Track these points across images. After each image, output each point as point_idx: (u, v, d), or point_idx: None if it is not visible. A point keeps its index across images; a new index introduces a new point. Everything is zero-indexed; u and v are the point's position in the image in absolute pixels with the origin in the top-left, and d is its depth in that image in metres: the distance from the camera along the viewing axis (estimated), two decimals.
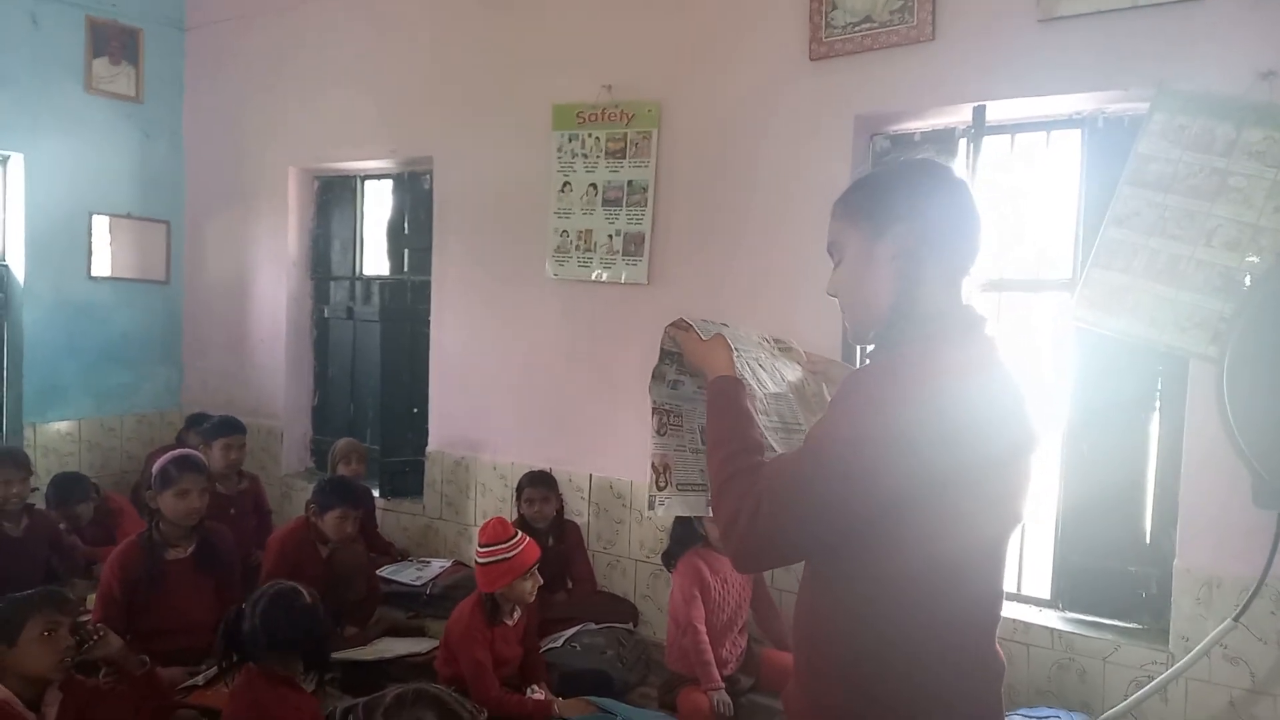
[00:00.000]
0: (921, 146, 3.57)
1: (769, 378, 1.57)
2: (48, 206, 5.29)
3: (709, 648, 3.15)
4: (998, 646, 1.34)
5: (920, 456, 1.16)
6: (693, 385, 1.61)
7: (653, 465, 1.56)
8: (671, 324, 1.58)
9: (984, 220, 1.37)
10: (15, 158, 5.20)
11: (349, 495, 3.75)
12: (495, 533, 3.10)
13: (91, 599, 3.30)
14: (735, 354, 1.47)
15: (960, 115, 3.43)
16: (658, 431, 1.58)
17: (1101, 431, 3.23)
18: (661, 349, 1.59)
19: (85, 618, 3.17)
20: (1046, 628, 3.18)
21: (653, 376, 1.60)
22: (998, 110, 3.33)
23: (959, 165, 3.37)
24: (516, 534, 3.12)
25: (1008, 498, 1.29)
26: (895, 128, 3.63)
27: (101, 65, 5.51)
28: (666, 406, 1.60)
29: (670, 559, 3.38)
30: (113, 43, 5.55)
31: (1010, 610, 3.29)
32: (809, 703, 1.34)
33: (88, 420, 5.54)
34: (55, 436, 5.41)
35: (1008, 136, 3.45)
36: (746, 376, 1.47)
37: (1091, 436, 3.25)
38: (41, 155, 5.24)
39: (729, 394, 1.42)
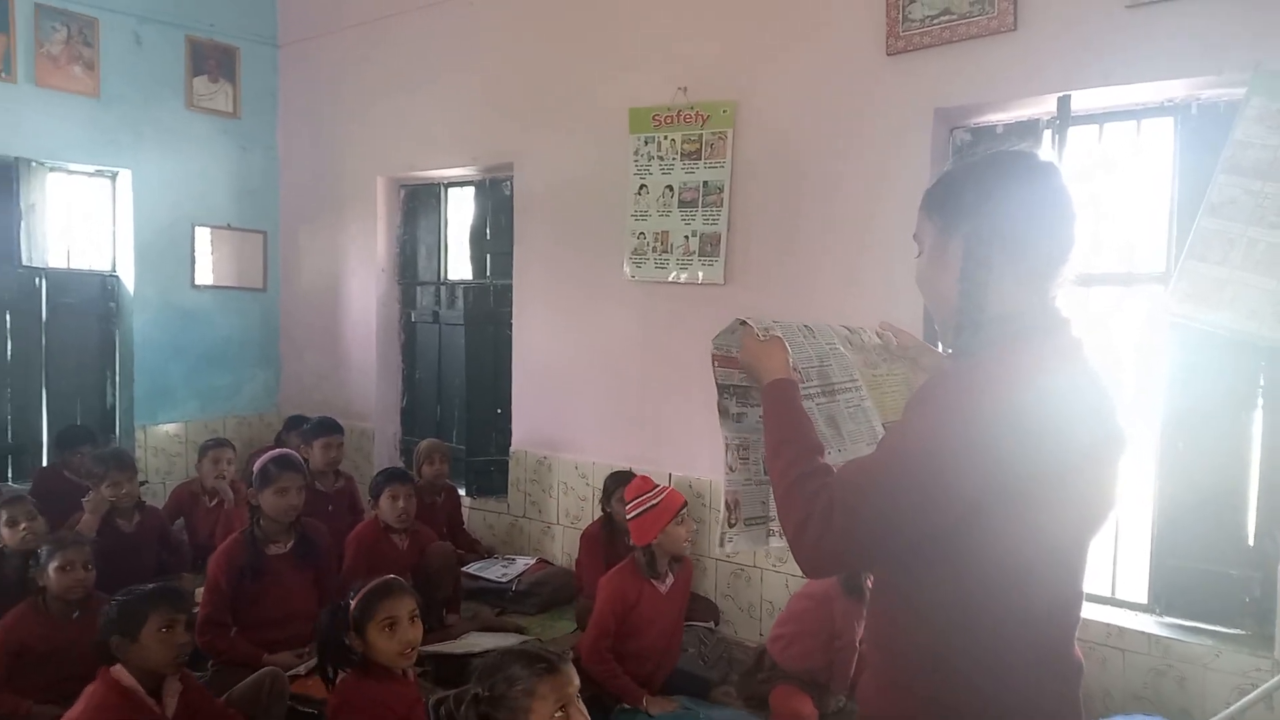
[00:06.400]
0: (1004, 139, 3.49)
1: (838, 371, 1.54)
2: (154, 219, 5.59)
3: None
4: (1076, 649, 1.32)
5: (995, 464, 1.15)
6: (754, 416, 1.58)
7: (725, 503, 1.56)
8: (723, 331, 1.57)
9: (1077, 217, 1.30)
10: (124, 174, 5.51)
11: (390, 476, 3.91)
12: (638, 486, 3.26)
13: (200, 592, 3.48)
14: (791, 355, 1.45)
15: (1045, 106, 3.35)
16: (730, 468, 1.57)
17: (1200, 430, 3.11)
18: (716, 384, 1.59)
19: (194, 610, 3.38)
20: (1143, 633, 3.09)
21: (718, 412, 1.60)
22: (1084, 100, 3.24)
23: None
24: (657, 485, 3.25)
25: (1090, 500, 1.26)
26: (976, 120, 3.57)
27: (201, 83, 5.79)
28: (736, 441, 1.59)
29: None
30: (211, 61, 5.83)
31: (1105, 615, 3.21)
32: (884, 704, 1.34)
33: (193, 422, 5.83)
34: (163, 438, 5.71)
35: (1095, 126, 3.35)
36: (811, 375, 1.47)
37: (1189, 435, 3.13)
38: (147, 171, 5.55)
39: (786, 396, 1.41)
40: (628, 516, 3.23)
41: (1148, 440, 3.21)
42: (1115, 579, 3.30)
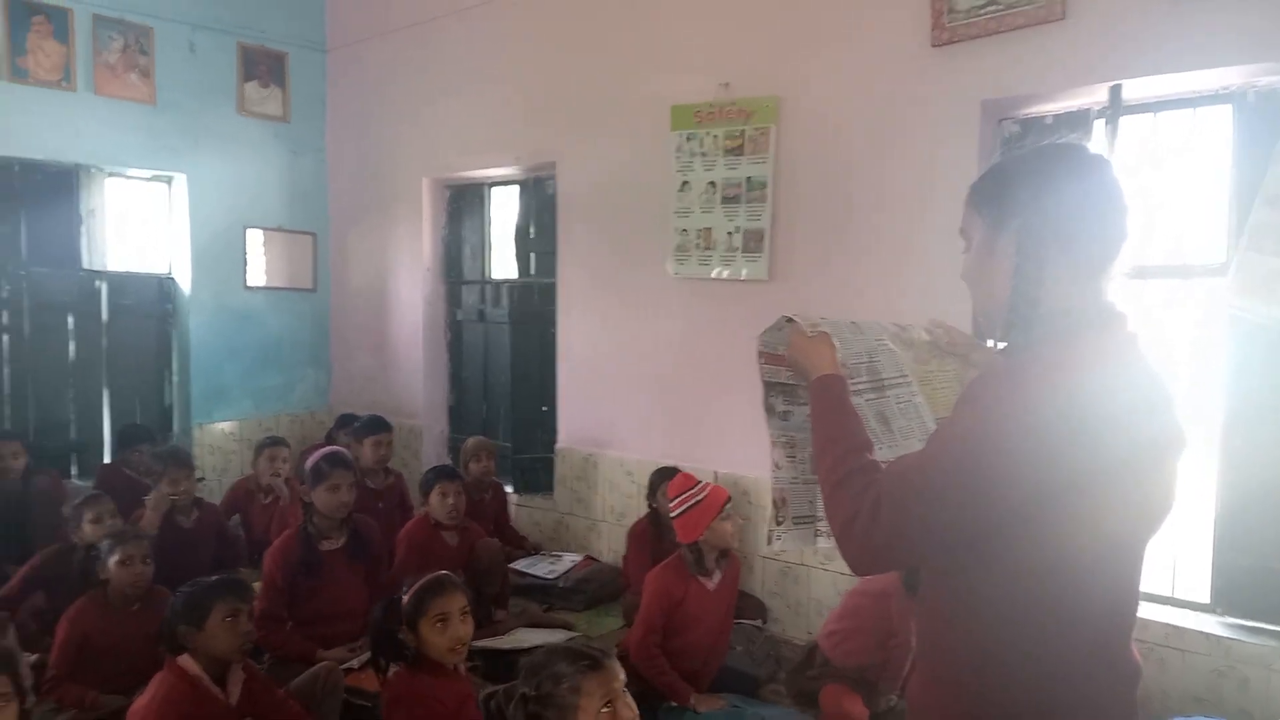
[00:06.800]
0: (1053, 130, 3.43)
1: (888, 366, 1.53)
2: (208, 222, 5.73)
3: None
4: (1133, 650, 1.30)
5: (1046, 461, 1.14)
6: (801, 414, 1.58)
7: (773, 500, 1.56)
8: (769, 328, 1.57)
9: (1129, 209, 1.28)
10: (179, 178, 5.66)
11: (440, 473, 3.96)
12: (681, 484, 3.26)
13: (257, 587, 3.56)
14: (839, 351, 1.45)
15: (1095, 96, 3.28)
16: (776, 465, 1.57)
17: (1261, 425, 3.03)
18: (763, 381, 1.59)
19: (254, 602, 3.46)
20: (1203, 633, 3.02)
21: (765, 410, 1.59)
22: (1136, 89, 3.17)
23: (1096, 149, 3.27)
24: (700, 481, 3.26)
25: (1146, 499, 1.24)
26: (1025, 111, 3.51)
27: (252, 88, 5.92)
28: (783, 439, 1.59)
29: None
30: (261, 66, 5.95)
31: (1164, 614, 3.14)
32: (932, 702, 1.33)
33: (247, 420, 5.96)
34: (219, 436, 5.86)
35: (1149, 115, 3.28)
36: (860, 371, 1.46)
37: (1250, 430, 3.05)
38: (201, 175, 5.69)
39: (834, 392, 1.40)
40: (672, 515, 3.23)
41: (1208, 436, 3.13)
42: (1175, 578, 3.23)
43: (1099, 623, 1.25)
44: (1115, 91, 3.19)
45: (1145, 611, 3.15)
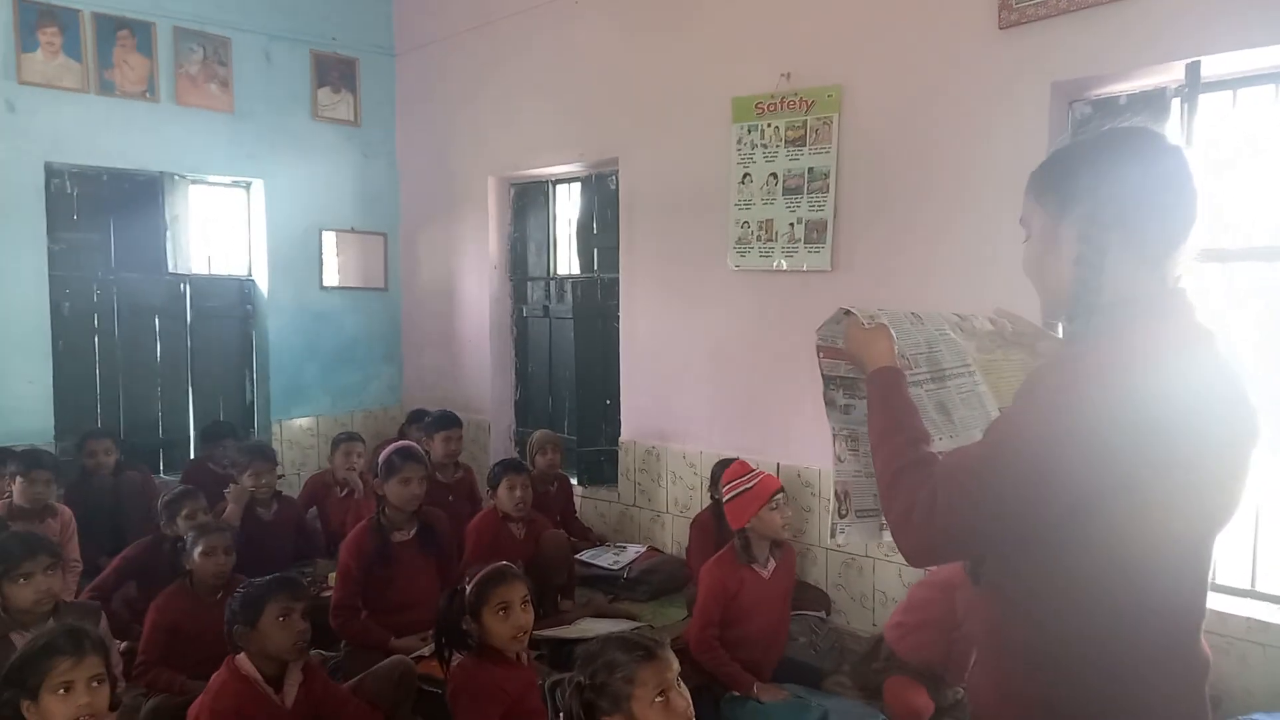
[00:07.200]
0: (1127, 110, 3.32)
1: (949, 356, 1.51)
2: (285, 225, 5.93)
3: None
4: (1203, 643, 1.26)
5: (1106, 454, 1.11)
6: (863, 408, 1.56)
7: (835, 493, 1.56)
8: (827, 321, 1.57)
9: (1198, 193, 1.24)
10: (257, 184, 5.86)
11: (507, 466, 4.03)
12: (735, 470, 3.30)
13: (333, 577, 3.69)
14: (897, 342, 1.44)
15: (1172, 74, 3.16)
16: (839, 458, 1.57)
17: None
18: (822, 374, 1.58)
19: (328, 593, 3.58)
20: None
21: (825, 403, 1.59)
22: (1215, 65, 3.05)
23: (1172, 129, 3.15)
24: (755, 469, 3.29)
25: (1215, 493, 1.20)
26: (1097, 92, 3.40)
27: (325, 94, 6.09)
28: (845, 432, 1.58)
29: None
30: (333, 73, 6.13)
31: (1245, 608, 3.03)
32: (994, 695, 1.32)
33: (324, 417, 6.16)
34: (298, 431, 6.06)
35: (1228, 93, 3.15)
36: (920, 361, 1.44)
37: None
38: (278, 180, 5.88)
39: (891, 384, 1.39)
40: (724, 500, 3.27)
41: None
42: (1255, 571, 3.11)
43: (1166, 617, 1.21)
44: (1193, 69, 3.07)
45: (1226, 605, 3.05)
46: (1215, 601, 3.06)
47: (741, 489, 3.19)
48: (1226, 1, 2.90)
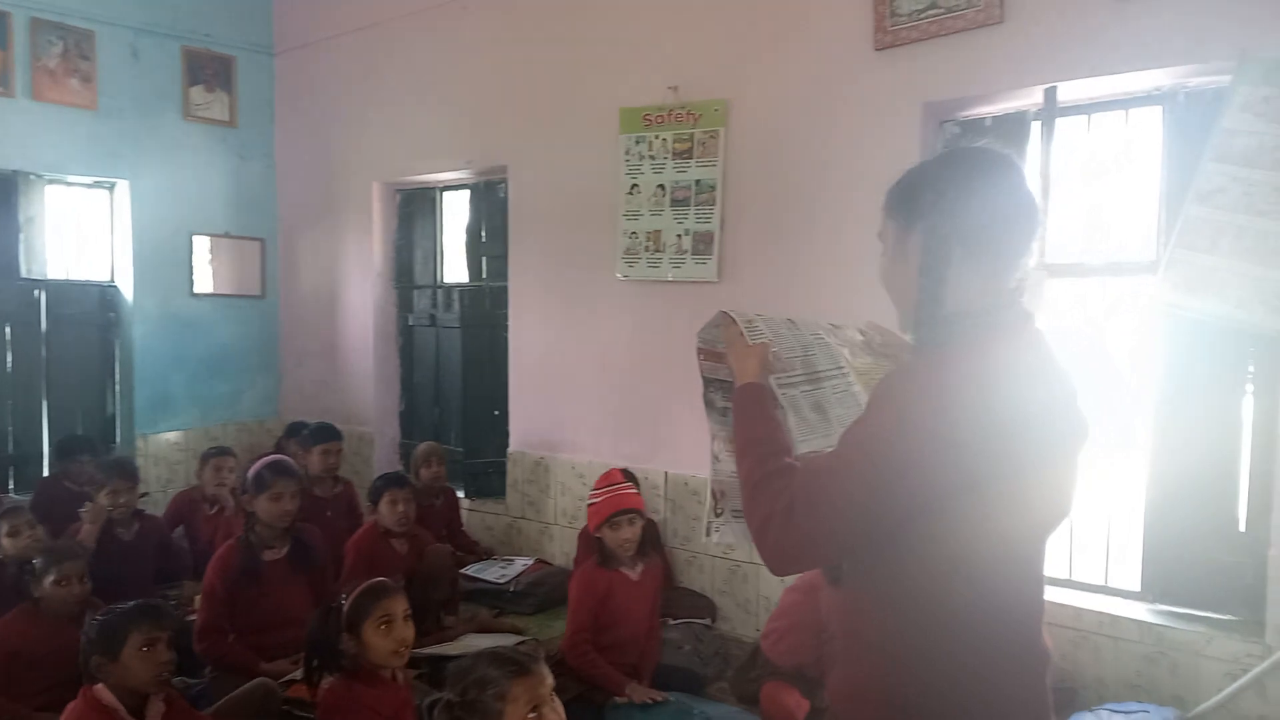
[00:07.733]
0: (991, 131, 3.49)
1: (824, 360, 1.55)
2: (152, 229, 5.62)
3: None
4: (1044, 637, 1.33)
5: (947, 460, 1.16)
6: None
7: (711, 492, 1.58)
8: (707, 324, 1.59)
9: (1037, 209, 1.32)
10: (121, 185, 5.55)
11: (389, 481, 3.94)
12: (603, 479, 3.38)
13: (199, 599, 3.50)
14: (774, 345, 1.47)
15: (1032, 98, 3.34)
16: (716, 457, 1.59)
17: (1191, 417, 3.10)
18: (702, 377, 1.60)
19: (192, 617, 3.39)
20: (1135, 620, 3.08)
21: (705, 404, 1.61)
22: (1072, 90, 3.24)
23: (1027, 149, 3.33)
24: (622, 481, 3.35)
25: (1051, 492, 1.27)
26: (965, 113, 3.56)
27: (197, 93, 5.83)
28: (723, 433, 1.60)
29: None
30: (207, 71, 5.87)
31: (1098, 603, 3.20)
32: (851, 693, 1.35)
33: (194, 430, 5.85)
34: (164, 446, 5.74)
35: (1083, 117, 3.35)
36: (795, 364, 1.46)
37: (1179, 422, 3.12)
38: (145, 181, 5.58)
39: (754, 399, 1.43)
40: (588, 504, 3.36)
41: (1139, 428, 3.20)
42: (1108, 567, 3.29)
43: (1007, 613, 1.27)
44: (1050, 93, 3.25)
45: (1080, 600, 3.22)
46: (1069, 597, 3.23)
47: (597, 499, 3.28)
48: (1083, 31, 3.08)
